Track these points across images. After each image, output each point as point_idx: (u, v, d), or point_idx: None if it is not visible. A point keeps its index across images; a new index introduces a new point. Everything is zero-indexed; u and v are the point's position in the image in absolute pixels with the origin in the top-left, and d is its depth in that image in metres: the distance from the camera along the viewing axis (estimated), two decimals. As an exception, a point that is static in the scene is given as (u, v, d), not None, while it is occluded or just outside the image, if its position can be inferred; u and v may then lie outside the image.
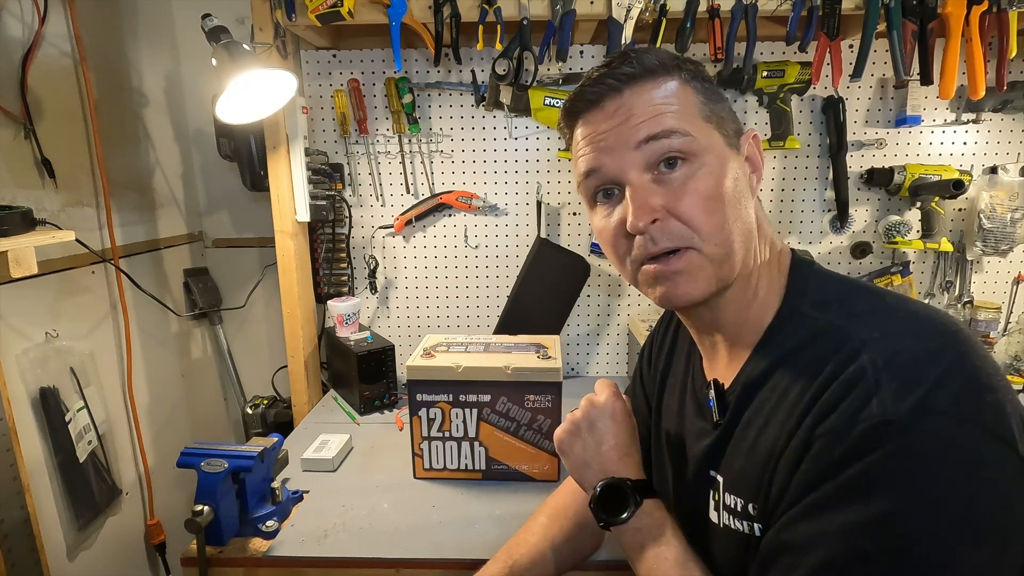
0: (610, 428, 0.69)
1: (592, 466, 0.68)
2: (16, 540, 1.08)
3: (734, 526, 0.59)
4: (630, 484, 0.65)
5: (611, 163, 0.58)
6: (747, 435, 0.58)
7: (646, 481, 0.67)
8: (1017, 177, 1.45)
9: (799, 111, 1.50)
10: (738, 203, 0.57)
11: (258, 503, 0.98)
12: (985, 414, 0.46)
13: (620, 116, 0.57)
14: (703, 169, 0.56)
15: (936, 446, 0.45)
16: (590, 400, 0.72)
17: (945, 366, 0.47)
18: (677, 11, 1.24)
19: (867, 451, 0.46)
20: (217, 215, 1.75)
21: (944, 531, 0.44)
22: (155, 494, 1.51)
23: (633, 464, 0.68)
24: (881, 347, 0.49)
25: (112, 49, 1.46)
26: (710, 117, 0.58)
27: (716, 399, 0.63)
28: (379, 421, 1.41)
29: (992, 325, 1.52)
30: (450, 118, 1.54)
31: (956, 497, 0.44)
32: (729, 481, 0.60)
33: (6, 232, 0.96)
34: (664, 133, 0.55)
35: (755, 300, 0.60)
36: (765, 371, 0.57)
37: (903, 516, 0.44)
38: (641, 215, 0.56)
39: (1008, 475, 0.45)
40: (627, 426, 0.70)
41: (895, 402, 0.46)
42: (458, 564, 0.90)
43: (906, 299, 0.57)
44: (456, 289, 1.65)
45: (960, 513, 0.44)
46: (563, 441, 0.71)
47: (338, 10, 1.21)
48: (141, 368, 1.50)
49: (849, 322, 0.53)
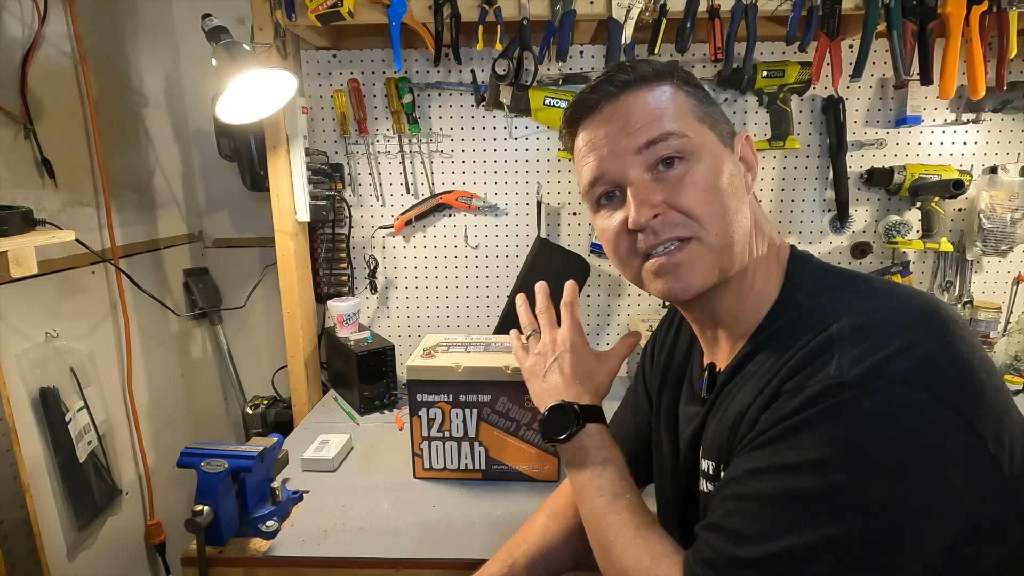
0: (568, 360, 0.79)
1: (549, 392, 0.78)
2: (16, 540, 1.08)
3: (706, 489, 0.62)
4: (577, 408, 0.73)
5: (612, 168, 0.61)
6: (723, 405, 0.61)
7: (595, 408, 0.74)
8: (1017, 177, 1.45)
9: (799, 111, 1.50)
10: (735, 198, 0.60)
11: (258, 503, 0.98)
12: (941, 384, 0.47)
13: (619, 121, 0.60)
14: (700, 165, 0.59)
15: (881, 407, 0.46)
16: (553, 336, 0.82)
17: (912, 338, 0.49)
18: (677, 11, 1.24)
19: (813, 405, 0.48)
20: (217, 215, 1.75)
21: (870, 485, 0.45)
22: (155, 494, 1.51)
23: (586, 391, 0.76)
24: (852, 319, 0.52)
25: (112, 49, 1.46)
26: (703, 118, 0.61)
27: (708, 380, 0.66)
28: (379, 421, 1.41)
29: (992, 325, 1.52)
30: (450, 118, 1.54)
31: (891, 456, 0.45)
32: (706, 447, 0.63)
33: (6, 232, 0.96)
34: (662, 136, 0.58)
35: (752, 292, 0.62)
36: (751, 352, 0.60)
37: (837, 463, 0.46)
38: (642, 210, 0.58)
39: (949, 445, 0.46)
40: (585, 356, 0.80)
41: (851, 365, 0.48)
42: (458, 564, 0.90)
43: (896, 283, 0.59)
44: (456, 289, 1.65)
45: (893, 472, 0.45)
46: (530, 374, 0.82)
47: (338, 10, 1.21)
48: (141, 368, 1.50)
49: (833, 302, 0.55)
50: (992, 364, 0.50)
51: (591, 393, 0.76)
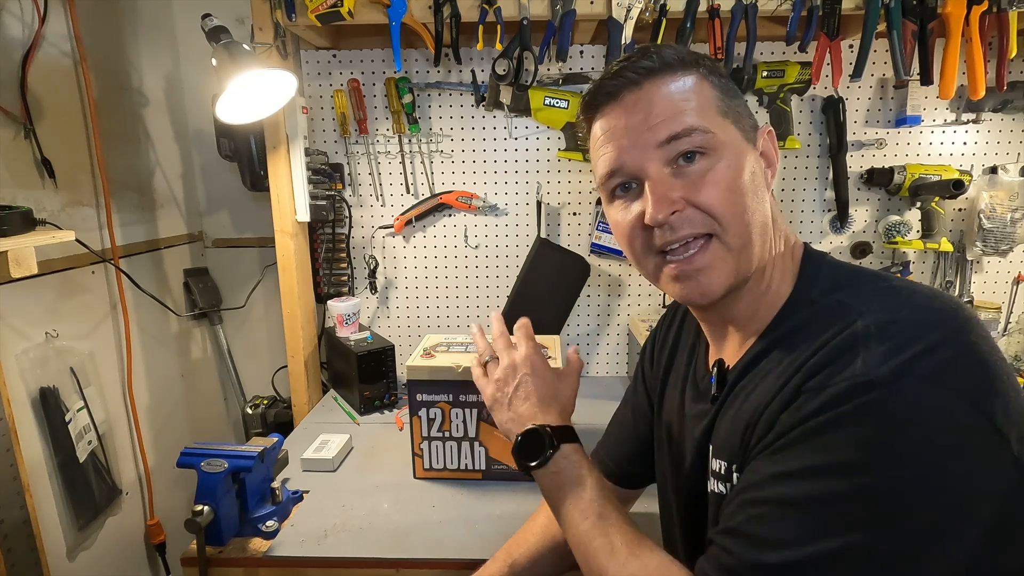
0: (531, 383, 0.75)
1: (516, 420, 0.74)
2: (16, 540, 1.08)
3: (718, 490, 0.60)
4: (549, 430, 0.69)
5: (631, 161, 0.58)
6: (735, 403, 0.59)
7: (567, 428, 0.71)
8: (1017, 177, 1.45)
9: (799, 111, 1.50)
10: (756, 196, 0.58)
11: (258, 503, 0.98)
12: (967, 384, 0.46)
13: (640, 111, 0.57)
14: (722, 162, 0.57)
15: (906, 406, 0.45)
16: (511, 360, 0.77)
17: (938, 337, 0.48)
18: (677, 11, 1.24)
19: (838, 404, 0.47)
20: (217, 215, 1.75)
21: (899, 488, 0.44)
22: (155, 494, 1.51)
23: (554, 412, 0.73)
24: (878, 316, 0.50)
25: (112, 49, 1.46)
26: (727, 112, 0.59)
27: (717, 377, 0.64)
28: (379, 421, 1.41)
29: (992, 325, 1.52)
30: (450, 118, 1.54)
31: (918, 456, 0.44)
32: (717, 447, 0.61)
33: (6, 232, 0.96)
34: (685, 132, 0.56)
35: (768, 292, 0.61)
36: (765, 348, 0.58)
37: (862, 466, 0.45)
38: (661, 207, 0.56)
39: (976, 446, 0.45)
40: (547, 377, 0.76)
41: (879, 363, 0.47)
42: (458, 564, 0.90)
43: (914, 282, 0.58)
44: (456, 289, 1.65)
45: (921, 473, 0.44)
46: (493, 402, 0.77)
47: (338, 10, 1.21)
48: (141, 368, 1.50)
49: (853, 299, 0.54)
50: (1009, 365, 0.50)
51: (559, 414, 0.73)
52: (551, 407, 0.73)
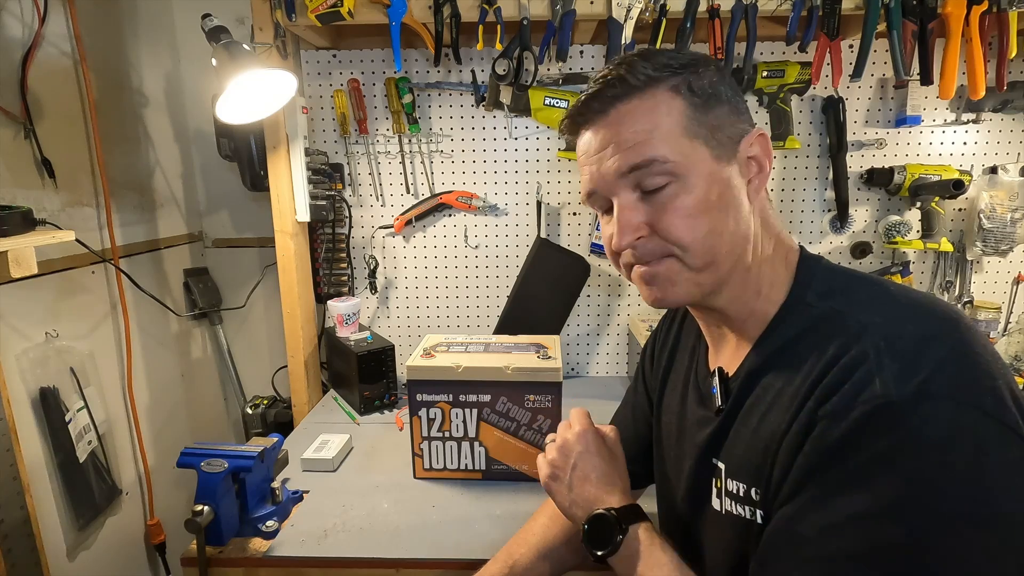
0: (588, 462, 0.71)
1: (579, 503, 0.70)
2: (16, 540, 1.08)
3: (735, 511, 0.60)
4: (615, 513, 0.66)
5: (603, 187, 0.61)
6: (749, 422, 0.59)
7: (633, 506, 0.68)
8: (1017, 177, 1.45)
9: (799, 111, 1.50)
10: (725, 213, 0.58)
11: (258, 503, 0.98)
12: (984, 398, 0.46)
13: (608, 139, 0.59)
14: (684, 188, 0.57)
15: (940, 431, 0.45)
16: (564, 440, 0.74)
17: (945, 352, 0.48)
18: (677, 11, 1.24)
19: (871, 436, 0.47)
20: (217, 215, 1.75)
21: (954, 516, 0.44)
22: (155, 494, 1.51)
23: (616, 492, 0.69)
24: (882, 331, 0.51)
25: (112, 49, 1.46)
26: (697, 132, 0.58)
27: (720, 386, 0.64)
28: (379, 421, 1.41)
29: (992, 325, 1.52)
30: (450, 118, 1.54)
31: (963, 482, 0.44)
32: (732, 468, 0.61)
33: (6, 232, 0.96)
34: (645, 163, 0.57)
35: (759, 294, 0.61)
36: (768, 358, 0.59)
37: (913, 504, 0.45)
38: (624, 235, 0.59)
39: (1012, 458, 0.45)
40: (605, 455, 0.72)
41: (897, 384, 0.47)
42: (458, 564, 0.90)
43: (909, 288, 0.58)
44: (456, 289, 1.65)
45: (969, 497, 0.44)
46: (548, 486, 0.73)
47: (338, 10, 1.21)
48: (141, 368, 1.50)
49: (850, 308, 0.54)
50: (1008, 368, 0.50)
51: (622, 492, 0.70)
52: (614, 486, 0.70)
